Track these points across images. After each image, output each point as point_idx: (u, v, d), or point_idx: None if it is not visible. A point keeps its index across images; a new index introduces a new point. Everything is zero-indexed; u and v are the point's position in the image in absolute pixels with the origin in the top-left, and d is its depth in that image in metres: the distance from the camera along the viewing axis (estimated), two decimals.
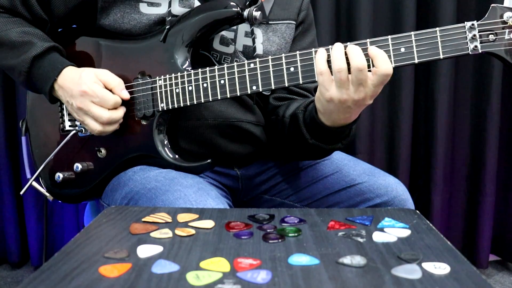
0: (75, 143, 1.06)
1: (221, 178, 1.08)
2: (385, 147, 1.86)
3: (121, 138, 1.02)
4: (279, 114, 1.06)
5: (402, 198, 1.04)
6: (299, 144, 1.00)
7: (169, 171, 0.97)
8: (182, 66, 0.97)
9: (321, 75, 0.85)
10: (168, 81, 0.97)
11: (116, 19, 1.02)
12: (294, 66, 0.88)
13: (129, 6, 1.01)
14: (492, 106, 1.80)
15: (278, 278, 0.56)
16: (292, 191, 1.13)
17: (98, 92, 0.94)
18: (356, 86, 0.82)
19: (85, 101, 0.95)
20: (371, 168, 1.11)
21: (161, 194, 0.90)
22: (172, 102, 0.97)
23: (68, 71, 0.98)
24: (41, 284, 0.55)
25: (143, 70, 1.00)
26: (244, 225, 0.74)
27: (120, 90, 0.97)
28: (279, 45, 1.09)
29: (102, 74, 0.97)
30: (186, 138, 1.03)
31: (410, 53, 0.83)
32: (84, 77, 0.96)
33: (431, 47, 0.82)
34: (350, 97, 0.83)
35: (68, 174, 1.06)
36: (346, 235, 0.70)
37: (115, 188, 1.01)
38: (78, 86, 0.95)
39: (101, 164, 1.04)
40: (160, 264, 0.60)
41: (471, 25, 0.81)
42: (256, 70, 0.91)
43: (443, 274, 0.58)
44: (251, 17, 0.96)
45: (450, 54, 0.82)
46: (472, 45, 0.81)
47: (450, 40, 0.81)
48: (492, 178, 1.86)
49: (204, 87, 0.94)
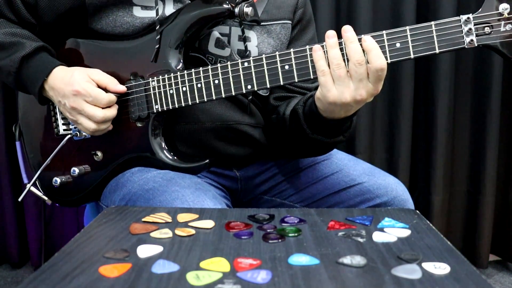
0: (70, 147, 1.06)
1: (219, 179, 1.08)
2: (385, 147, 1.86)
3: (116, 141, 1.02)
4: (279, 113, 1.06)
5: (402, 198, 1.04)
6: (301, 139, 0.99)
7: (167, 172, 0.97)
8: (176, 67, 0.96)
9: (324, 75, 0.83)
10: (162, 82, 0.96)
11: (108, 23, 1.01)
12: (288, 64, 0.87)
13: (122, 9, 1.00)
14: (492, 106, 1.80)
15: (278, 278, 0.56)
16: (292, 191, 1.13)
17: (91, 91, 0.93)
18: (357, 82, 0.81)
19: (78, 101, 0.94)
20: (371, 168, 1.11)
21: (159, 194, 0.89)
22: (167, 104, 0.96)
23: (58, 71, 0.97)
24: (42, 284, 0.55)
25: (135, 71, 0.99)
26: (244, 225, 0.74)
27: (115, 85, 0.96)
28: (274, 46, 1.08)
29: (94, 73, 0.96)
30: (184, 141, 1.02)
31: (405, 48, 0.81)
32: (76, 76, 0.94)
33: (427, 41, 0.80)
34: (351, 96, 0.82)
35: (66, 178, 1.06)
36: (346, 235, 0.70)
37: (113, 189, 1.01)
38: (70, 86, 0.94)
39: (98, 167, 1.04)
40: (160, 264, 0.60)
41: (467, 19, 0.80)
42: (250, 69, 0.89)
43: (443, 274, 0.58)
44: (242, 13, 0.94)
45: (446, 48, 0.80)
46: (468, 38, 0.80)
47: (446, 34, 0.80)
48: (492, 178, 1.86)
49: (199, 88, 0.93)
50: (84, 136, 1.04)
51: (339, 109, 0.86)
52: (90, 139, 1.03)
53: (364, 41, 0.81)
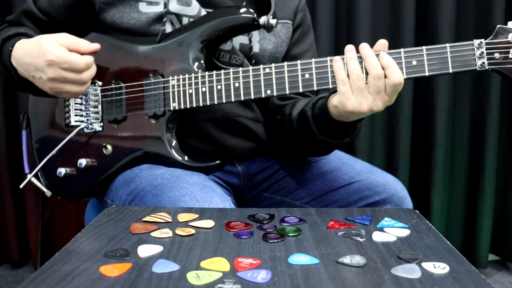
0: (79, 139, 1.05)
1: (223, 175, 1.09)
2: (385, 147, 1.86)
3: (128, 136, 1.02)
4: (285, 113, 1.07)
5: (400, 195, 1.06)
6: (308, 140, 1.02)
7: (175, 169, 0.98)
8: (195, 67, 0.99)
9: (344, 84, 0.86)
10: (182, 82, 0.97)
11: (115, 20, 1.03)
12: (309, 73, 0.90)
13: (128, 6, 1.02)
14: (491, 106, 1.80)
15: (278, 277, 0.56)
16: (291, 188, 1.14)
17: (66, 58, 0.89)
18: (375, 94, 0.84)
19: (55, 70, 0.89)
20: (369, 166, 1.13)
21: (167, 191, 0.90)
22: (185, 103, 0.97)
23: (22, 43, 0.94)
24: (42, 283, 0.55)
25: (155, 70, 1.01)
26: (244, 225, 0.74)
27: (87, 46, 0.92)
28: (275, 43, 1.11)
29: (62, 38, 0.91)
30: (186, 132, 1.04)
31: (421, 66, 0.86)
32: (45, 45, 0.89)
33: (441, 61, 0.85)
34: (369, 107, 0.85)
35: (71, 170, 1.05)
36: (346, 235, 0.70)
37: (120, 185, 1.01)
38: (42, 57, 0.89)
39: (106, 161, 1.03)
40: (160, 264, 0.60)
41: (479, 43, 0.84)
42: (271, 75, 0.92)
43: (443, 274, 0.58)
44: (268, 25, 0.98)
45: (459, 68, 0.85)
46: (479, 61, 0.84)
47: (459, 56, 0.85)
48: (491, 178, 1.86)
49: (218, 89, 0.95)
50: (94, 129, 1.04)
51: (354, 117, 0.90)
52: (100, 132, 1.03)
53: (382, 57, 0.85)
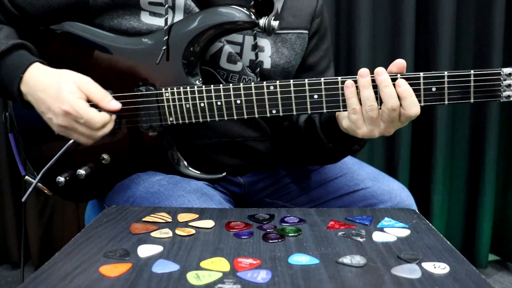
0: (76, 146, 0.98)
1: (224, 183, 1.06)
2: (385, 147, 1.85)
3: (126, 147, 0.96)
4: (292, 120, 1.04)
5: (406, 204, 1.03)
6: (316, 148, 0.98)
7: (172, 176, 0.95)
8: (190, 78, 0.89)
9: (355, 113, 0.80)
10: (177, 95, 0.88)
11: (112, 25, 0.93)
12: (318, 94, 0.82)
13: (129, 12, 0.92)
14: (492, 106, 1.80)
15: (278, 277, 0.56)
16: (294, 194, 1.12)
17: (83, 113, 0.81)
18: (388, 123, 0.80)
19: (70, 121, 0.82)
20: (376, 173, 1.09)
21: (164, 199, 0.88)
22: (183, 118, 0.89)
23: (37, 70, 0.84)
24: (42, 283, 0.55)
25: (145, 78, 0.90)
26: (244, 225, 0.74)
27: (108, 102, 0.84)
28: (288, 57, 1.01)
29: (84, 84, 0.83)
30: (189, 156, 0.98)
31: (441, 94, 0.78)
32: (64, 91, 0.81)
33: (463, 90, 0.77)
34: (380, 133, 0.81)
35: (70, 178, 0.99)
36: (346, 235, 0.70)
37: (117, 191, 0.99)
38: (58, 102, 0.81)
39: (104, 170, 0.99)
40: (160, 264, 0.60)
41: (508, 74, 0.76)
42: (276, 94, 0.84)
43: (443, 274, 0.58)
44: (269, 27, 0.87)
45: (481, 99, 0.77)
46: (506, 93, 0.76)
47: (484, 86, 0.76)
48: (491, 178, 1.86)
49: (218, 106, 0.86)
50: None
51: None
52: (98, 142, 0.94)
53: (399, 86, 0.78)
